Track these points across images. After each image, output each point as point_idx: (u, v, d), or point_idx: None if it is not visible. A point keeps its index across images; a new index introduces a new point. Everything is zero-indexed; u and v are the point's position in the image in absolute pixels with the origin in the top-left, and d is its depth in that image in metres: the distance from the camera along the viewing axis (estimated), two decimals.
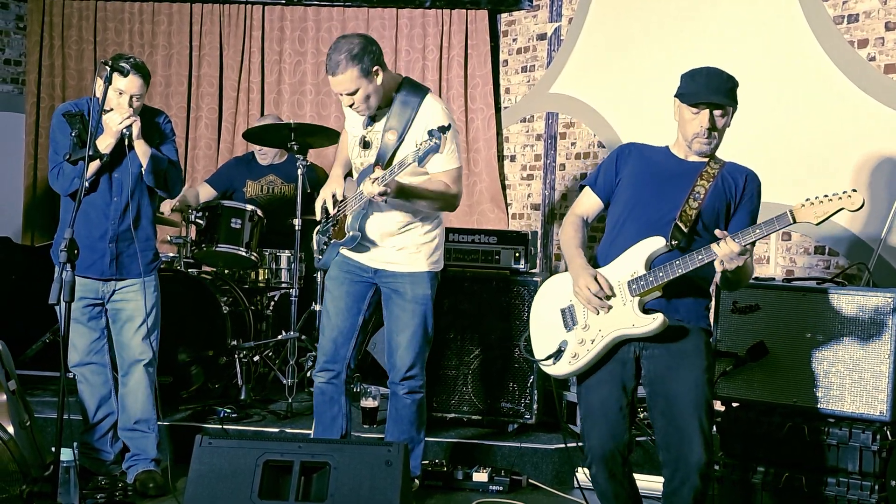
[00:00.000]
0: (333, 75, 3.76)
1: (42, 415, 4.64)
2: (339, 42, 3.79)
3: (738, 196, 3.34)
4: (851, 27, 4.85)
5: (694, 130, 3.28)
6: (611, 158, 3.49)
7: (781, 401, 3.96)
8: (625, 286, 3.28)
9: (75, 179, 4.05)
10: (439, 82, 6.91)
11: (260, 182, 6.03)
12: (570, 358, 3.36)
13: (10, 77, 7.04)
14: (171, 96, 6.94)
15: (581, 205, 3.54)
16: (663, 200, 3.31)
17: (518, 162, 6.92)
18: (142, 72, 4.07)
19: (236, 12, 6.95)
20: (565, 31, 6.54)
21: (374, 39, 3.87)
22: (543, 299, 3.56)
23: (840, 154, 4.84)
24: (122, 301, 4.22)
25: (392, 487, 3.31)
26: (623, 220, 3.38)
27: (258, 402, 5.29)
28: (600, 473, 3.40)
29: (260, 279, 5.73)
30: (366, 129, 3.97)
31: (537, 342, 3.52)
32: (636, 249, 3.29)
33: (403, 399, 4.08)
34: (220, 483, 3.34)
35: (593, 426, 3.38)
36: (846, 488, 3.75)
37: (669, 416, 3.29)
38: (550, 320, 3.47)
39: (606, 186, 3.47)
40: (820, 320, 3.88)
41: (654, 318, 3.22)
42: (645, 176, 3.38)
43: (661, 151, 3.44)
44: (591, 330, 3.33)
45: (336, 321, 4.06)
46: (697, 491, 3.26)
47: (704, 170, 3.32)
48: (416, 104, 3.87)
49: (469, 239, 4.99)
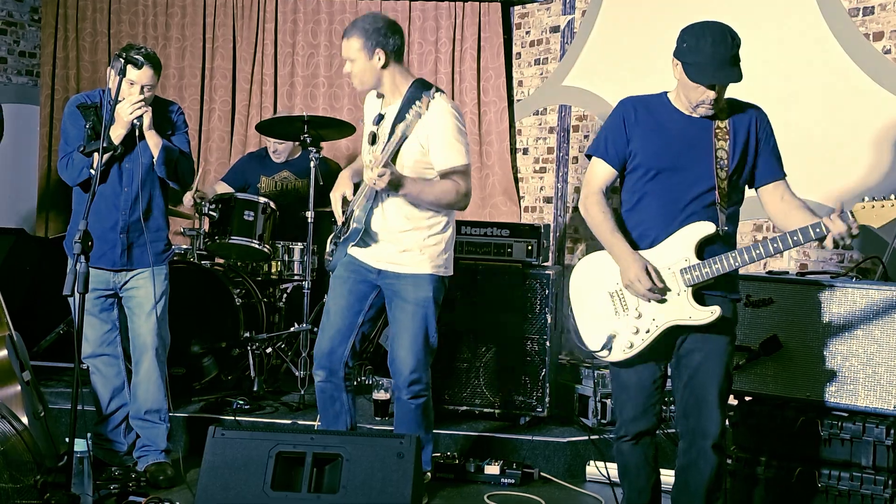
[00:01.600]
0: (343, 38, 3.89)
1: (56, 405, 4.67)
2: (368, 14, 3.94)
3: (755, 141, 3.31)
4: (867, 20, 4.82)
5: (698, 99, 3.21)
6: (616, 122, 3.36)
7: (795, 395, 3.95)
8: (678, 274, 3.24)
9: (84, 170, 4.07)
10: (452, 75, 6.90)
11: (274, 178, 6.04)
12: (625, 347, 3.31)
13: (24, 69, 7.07)
14: (185, 88, 6.95)
15: (596, 177, 3.41)
16: (686, 170, 3.25)
17: (531, 155, 6.91)
18: (153, 62, 4.08)
19: (249, 4, 6.95)
20: (578, 23, 6.52)
21: (400, 30, 3.91)
22: (584, 281, 3.46)
23: (854, 147, 4.82)
24: (133, 289, 4.24)
25: (404, 479, 3.32)
26: (643, 189, 3.32)
27: (270, 393, 5.31)
28: (629, 446, 3.44)
29: (273, 271, 5.74)
30: (375, 126, 3.96)
31: (584, 327, 3.43)
32: (685, 235, 3.24)
33: (408, 404, 4.03)
34: (232, 474, 3.35)
35: (628, 400, 3.41)
36: (860, 483, 3.74)
37: (691, 386, 3.34)
38: (598, 305, 3.39)
39: (619, 154, 3.36)
40: (834, 314, 3.87)
41: (712, 312, 3.21)
42: (659, 140, 3.29)
43: (664, 106, 3.33)
44: (644, 318, 3.29)
45: (335, 319, 4.02)
46: (715, 466, 3.32)
47: (717, 127, 3.26)
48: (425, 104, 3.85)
49: (481, 232, 4.98)
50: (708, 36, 3.16)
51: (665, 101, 3.35)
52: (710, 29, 3.18)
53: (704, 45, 3.14)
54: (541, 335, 4.82)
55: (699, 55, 3.15)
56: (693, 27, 3.22)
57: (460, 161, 3.84)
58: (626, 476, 3.51)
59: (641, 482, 3.48)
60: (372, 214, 3.92)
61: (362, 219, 3.90)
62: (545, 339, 4.81)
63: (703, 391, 3.32)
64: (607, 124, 3.40)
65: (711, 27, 3.19)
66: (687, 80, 3.20)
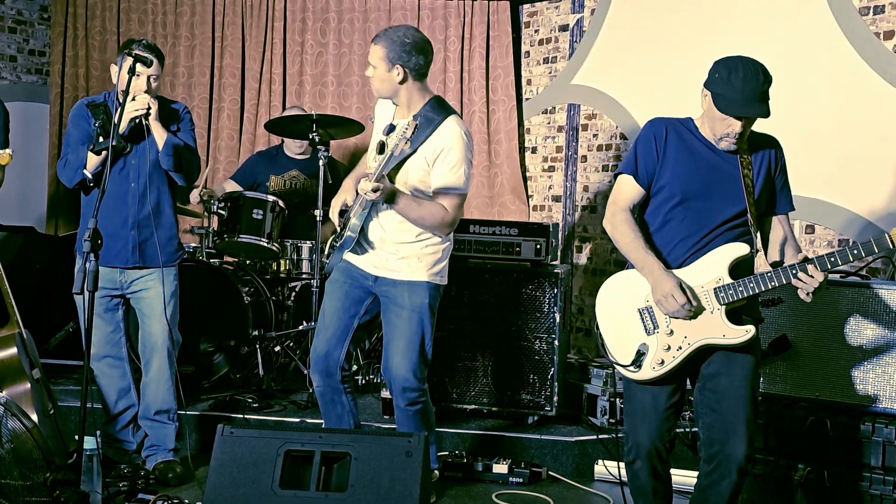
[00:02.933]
0: (372, 41, 3.89)
1: (65, 403, 4.68)
2: (405, 25, 3.96)
3: (774, 175, 3.32)
4: (877, 18, 4.80)
5: (724, 132, 3.21)
6: (647, 143, 3.34)
7: (804, 395, 3.94)
8: (711, 293, 3.22)
9: (78, 170, 4.09)
10: (461, 73, 6.90)
11: (283, 177, 6.05)
12: (656, 364, 3.26)
13: (34, 68, 7.08)
14: (194, 87, 6.96)
15: (623, 196, 3.38)
16: (713, 199, 3.25)
17: (539, 153, 6.91)
18: (156, 53, 4.11)
19: (258, 3, 6.96)
20: (587, 22, 6.52)
21: (428, 50, 3.88)
22: (612, 297, 3.41)
23: (864, 146, 4.80)
24: (143, 290, 4.24)
25: (412, 478, 3.32)
26: (670, 212, 3.30)
27: (279, 391, 5.32)
28: (643, 469, 3.39)
29: (281, 270, 5.75)
30: (386, 136, 3.92)
31: (614, 344, 3.37)
32: (718, 255, 3.23)
33: (405, 411, 4.01)
34: (241, 472, 3.36)
35: (643, 422, 3.35)
36: (869, 483, 3.73)
37: (718, 412, 3.29)
38: (626, 321, 3.34)
39: (649, 174, 3.33)
40: (843, 314, 3.86)
41: (746, 331, 3.19)
42: (689, 166, 3.28)
43: (693, 133, 3.32)
44: (675, 336, 3.25)
45: (330, 321, 4.00)
46: (735, 486, 3.28)
47: (742, 157, 3.26)
48: (438, 122, 3.84)
49: (490, 230, 4.98)
50: (740, 69, 3.15)
51: (693, 129, 3.34)
52: (744, 63, 3.18)
53: (735, 79, 3.14)
54: (549, 334, 4.81)
55: (729, 88, 3.15)
56: (727, 60, 3.22)
57: (458, 185, 3.83)
58: (642, 496, 3.46)
59: (658, 499, 3.45)
60: (368, 223, 3.92)
61: (357, 227, 3.88)
62: (553, 337, 4.80)
63: (732, 417, 3.26)
64: (638, 144, 3.36)
65: (745, 62, 3.19)
66: (714, 112, 3.20)
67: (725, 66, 3.19)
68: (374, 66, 3.85)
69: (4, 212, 6.27)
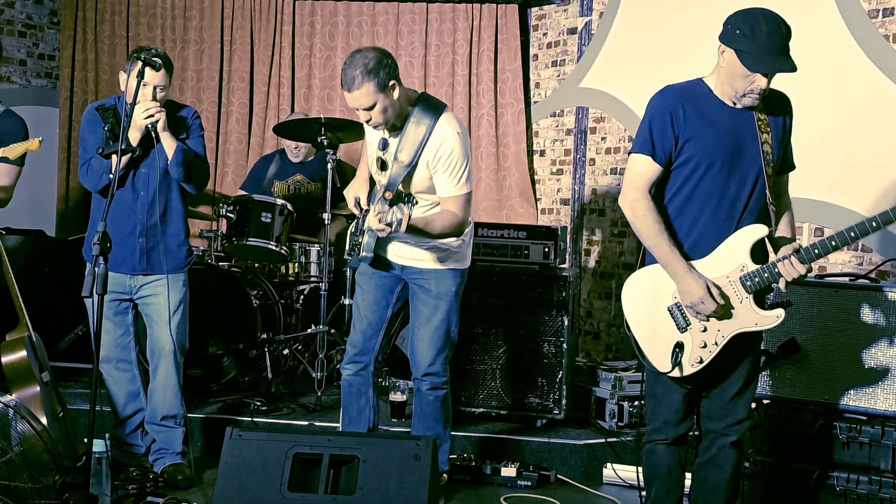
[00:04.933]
0: (349, 91, 3.65)
1: (74, 406, 4.68)
2: (353, 56, 3.67)
3: (787, 131, 3.30)
4: (886, 21, 4.79)
5: (747, 88, 3.12)
6: (661, 116, 3.20)
7: (812, 398, 3.93)
8: (737, 283, 3.18)
9: (104, 175, 4.08)
10: (469, 77, 6.90)
11: (287, 182, 6.06)
12: (695, 362, 3.24)
13: (43, 72, 7.11)
14: (203, 91, 6.98)
15: (640, 177, 3.24)
16: (737, 167, 3.18)
17: (548, 157, 6.90)
18: (166, 63, 4.10)
19: (267, 7, 6.97)
20: (596, 25, 6.51)
21: (390, 52, 3.75)
22: (639, 296, 3.35)
23: (873, 149, 4.79)
24: (152, 295, 4.24)
25: (420, 481, 3.32)
26: (692, 188, 3.23)
27: (287, 395, 5.33)
28: (665, 448, 3.42)
29: (290, 273, 5.76)
30: (381, 152, 3.89)
31: (648, 345, 3.32)
32: (738, 240, 3.18)
33: (427, 395, 4.08)
34: (250, 475, 3.36)
35: (668, 404, 3.38)
36: (878, 486, 3.71)
37: (720, 387, 3.34)
38: (658, 321, 3.30)
39: (666, 151, 3.21)
40: (852, 317, 3.84)
41: (777, 316, 3.17)
42: (711, 133, 3.18)
43: (706, 98, 3.22)
44: (710, 331, 3.22)
45: (366, 313, 4.08)
46: (735, 461, 3.34)
47: (759, 119, 3.19)
48: (430, 125, 3.78)
49: (498, 234, 4.98)
50: (763, 24, 3.05)
51: (707, 91, 3.24)
52: (764, 16, 3.07)
53: (760, 34, 3.04)
54: (557, 337, 4.81)
55: (755, 44, 3.05)
56: (746, 14, 3.10)
57: (462, 191, 3.83)
58: (655, 477, 3.47)
59: (671, 483, 3.45)
60: (383, 241, 3.92)
61: (371, 247, 3.82)
62: (562, 341, 4.80)
63: (730, 393, 3.34)
64: (653, 120, 3.22)
65: (765, 14, 3.08)
66: (737, 69, 3.10)
67: (746, 20, 3.08)
68: (372, 105, 3.68)
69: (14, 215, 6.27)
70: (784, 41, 3.07)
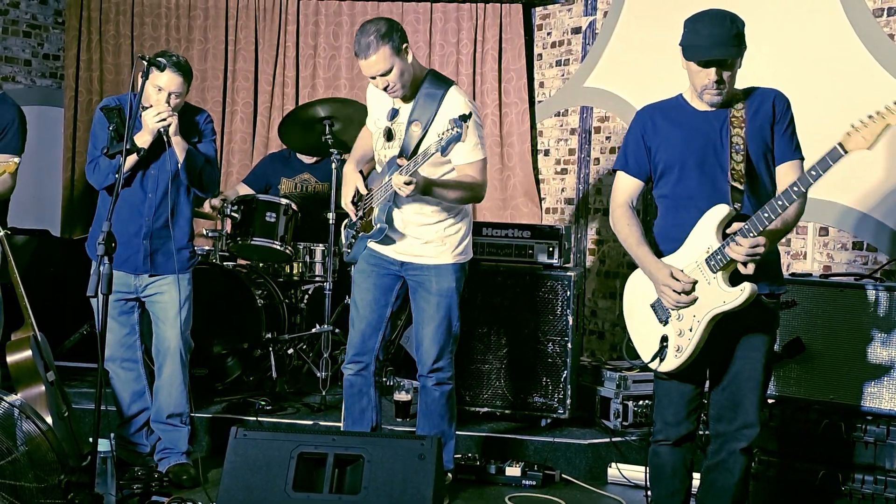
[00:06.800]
0: (366, 58, 3.72)
1: (79, 406, 4.69)
2: (365, 25, 3.77)
3: (772, 122, 3.28)
4: (891, 20, 4.78)
5: (702, 83, 3.21)
6: (634, 133, 3.39)
7: (818, 397, 3.93)
8: (703, 265, 3.19)
9: (110, 174, 4.09)
10: (473, 76, 6.90)
11: (294, 180, 6.06)
12: (675, 352, 3.27)
13: (48, 71, 7.12)
14: (207, 91, 6.99)
15: (621, 191, 3.43)
16: (708, 165, 3.24)
17: (552, 156, 6.90)
18: (182, 70, 4.07)
19: (271, 7, 6.98)
20: (600, 24, 6.51)
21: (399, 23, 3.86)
22: (631, 296, 3.46)
23: (878, 148, 4.77)
24: (157, 294, 4.25)
25: (425, 481, 3.32)
26: (670, 194, 3.32)
27: (292, 394, 5.33)
28: (669, 450, 3.42)
29: (294, 273, 5.76)
30: (390, 121, 3.96)
31: (639, 342, 3.42)
32: (702, 224, 3.21)
33: (432, 392, 4.08)
34: (254, 475, 3.37)
35: (670, 405, 3.40)
36: (884, 486, 3.71)
37: (730, 390, 3.32)
38: (644, 318, 3.39)
39: (640, 165, 3.38)
40: (858, 316, 3.84)
41: (741, 290, 3.13)
42: (677, 138, 3.29)
43: (680, 107, 3.34)
44: (685, 319, 3.24)
45: (364, 313, 4.07)
46: (744, 465, 3.32)
47: (732, 116, 3.24)
48: (441, 96, 3.86)
49: (502, 233, 4.98)
50: (706, 19, 3.19)
51: (681, 102, 3.37)
52: (709, 14, 3.21)
53: (702, 27, 3.17)
54: (562, 337, 4.81)
55: (695, 36, 3.18)
56: (697, 13, 3.24)
57: (478, 157, 3.88)
58: (659, 479, 3.47)
59: (675, 485, 3.45)
60: (393, 211, 3.95)
61: (383, 217, 3.92)
62: (566, 340, 4.80)
63: (740, 395, 3.29)
64: (627, 137, 3.43)
65: (710, 12, 3.21)
66: (690, 66, 3.23)
67: (692, 19, 3.24)
68: (389, 69, 3.76)
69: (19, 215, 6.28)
70: (729, 32, 3.14)
